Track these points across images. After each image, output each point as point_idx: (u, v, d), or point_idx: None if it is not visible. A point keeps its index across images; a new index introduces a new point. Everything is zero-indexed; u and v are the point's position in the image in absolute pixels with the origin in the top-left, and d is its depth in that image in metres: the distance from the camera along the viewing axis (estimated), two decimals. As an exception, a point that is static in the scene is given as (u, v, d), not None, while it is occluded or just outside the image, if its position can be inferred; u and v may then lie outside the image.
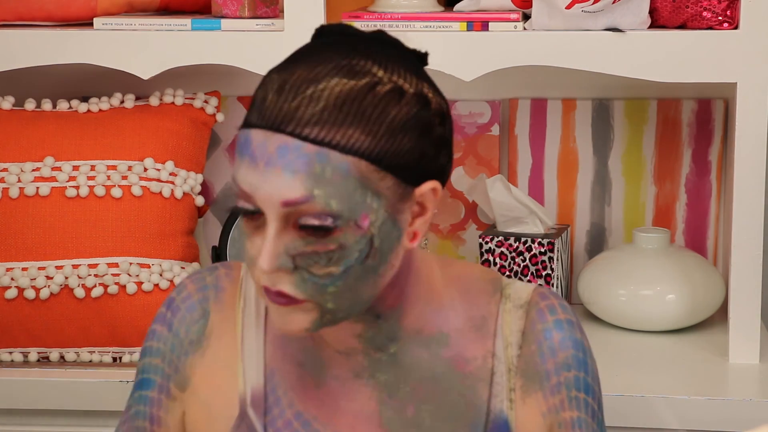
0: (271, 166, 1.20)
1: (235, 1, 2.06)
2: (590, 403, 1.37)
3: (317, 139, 1.20)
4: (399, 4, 2.08)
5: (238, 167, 1.23)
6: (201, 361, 1.41)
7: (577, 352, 1.37)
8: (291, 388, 1.37)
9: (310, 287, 1.23)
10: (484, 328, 1.37)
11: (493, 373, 1.36)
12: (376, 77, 1.22)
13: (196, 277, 1.44)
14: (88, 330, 2.02)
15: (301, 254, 1.22)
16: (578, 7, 1.96)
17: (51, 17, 2.11)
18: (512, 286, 1.40)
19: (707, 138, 2.28)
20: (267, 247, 1.22)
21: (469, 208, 2.34)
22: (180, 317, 1.42)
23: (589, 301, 2.20)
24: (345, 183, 1.20)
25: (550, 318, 1.37)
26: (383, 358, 1.35)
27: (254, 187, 1.21)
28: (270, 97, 1.22)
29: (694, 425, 1.88)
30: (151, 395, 1.42)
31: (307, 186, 1.20)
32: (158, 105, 2.15)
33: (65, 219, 2.03)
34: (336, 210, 1.20)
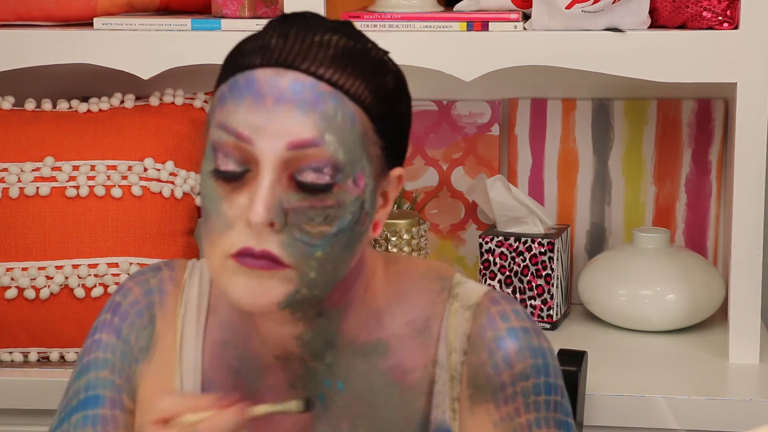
0: (283, 103, 1.14)
1: (235, 1, 2.06)
2: (551, 400, 1.28)
3: (332, 80, 1.15)
4: (399, 4, 2.08)
5: (233, 111, 1.16)
6: (147, 369, 1.34)
7: (535, 360, 1.28)
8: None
9: (299, 249, 1.16)
10: (427, 331, 1.29)
11: (434, 382, 1.29)
12: (369, 44, 1.21)
13: (139, 279, 1.37)
14: (88, 330, 2.02)
15: (295, 209, 1.16)
16: (578, 7, 1.96)
17: (51, 17, 2.12)
18: (463, 285, 1.32)
19: (707, 138, 2.28)
20: (261, 196, 1.14)
21: (469, 208, 2.34)
22: (129, 323, 1.34)
23: (589, 301, 2.20)
24: (351, 133, 1.16)
25: (503, 326, 1.28)
26: (319, 368, 1.29)
27: (256, 128, 1.14)
28: (274, 42, 1.16)
29: (694, 425, 1.88)
30: (103, 413, 1.32)
31: (320, 127, 1.14)
32: (158, 105, 2.15)
33: (65, 219, 2.03)
34: (341, 160, 1.15)
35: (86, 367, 1.34)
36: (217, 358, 1.33)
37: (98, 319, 1.37)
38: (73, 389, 1.35)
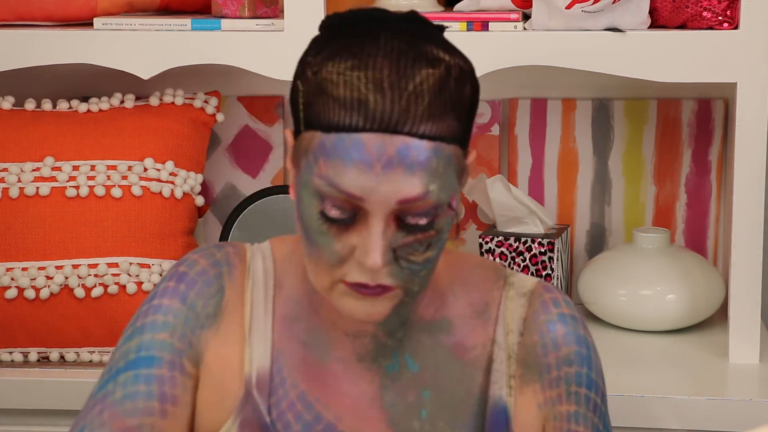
0: (391, 168, 1.21)
1: (235, 1, 2.06)
2: (592, 398, 1.37)
3: (431, 135, 1.22)
4: (399, 4, 2.08)
5: (341, 173, 1.22)
6: (215, 336, 1.37)
7: (580, 348, 1.38)
8: (295, 368, 1.37)
9: (406, 274, 1.26)
10: (486, 314, 1.39)
11: (493, 360, 1.37)
12: (445, 61, 1.25)
13: (205, 252, 1.41)
14: (88, 330, 2.02)
15: (402, 245, 1.25)
16: (578, 7, 1.96)
17: (51, 17, 2.12)
18: (516, 275, 1.42)
19: (707, 138, 2.28)
20: (376, 245, 1.22)
21: (469, 208, 2.34)
22: (197, 290, 1.37)
23: (589, 301, 2.20)
24: (449, 173, 1.24)
25: (554, 311, 1.39)
26: (389, 343, 1.36)
27: (368, 191, 1.21)
28: (372, 99, 1.21)
29: (694, 425, 1.88)
30: (159, 373, 1.33)
31: (424, 183, 1.22)
32: (158, 105, 2.15)
33: (65, 219, 2.03)
34: (443, 201, 1.24)
35: (140, 329, 1.36)
36: (287, 330, 1.38)
37: (155, 289, 1.39)
38: (120, 351, 1.36)
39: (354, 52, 1.23)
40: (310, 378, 1.37)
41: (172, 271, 1.40)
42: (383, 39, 1.24)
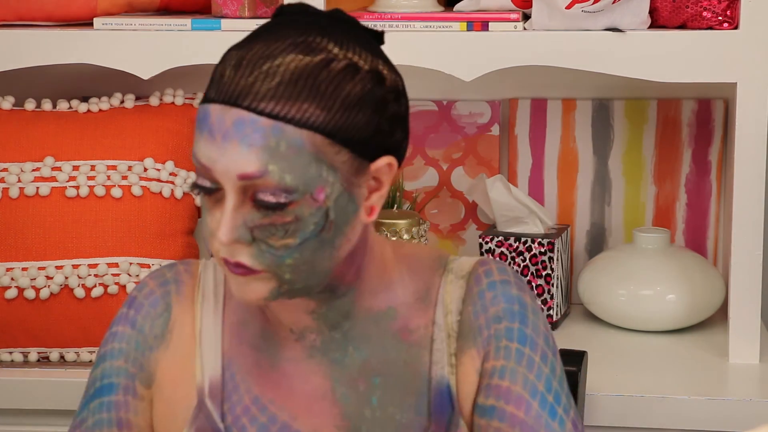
0: (228, 140, 1.23)
1: (235, 1, 2.06)
2: (526, 354, 1.36)
3: (272, 113, 1.23)
4: (399, 4, 2.08)
5: (197, 142, 1.26)
6: (165, 355, 1.42)
7: (510, 305, 1.37)
8: (248, 373, 1.39)
9: (268, 258, 1.26)
10: (427, 299, 1.40)
11: (433, 340, 1.38)
12: (331, 54, 1.25)
13: (155, 274, 1.45)
14: (88, 330, 2.02)
15: (258, 226, 1.25)
16: (578, 7, 1.96)
17: (51, 17, 2.12)
18: (456, 261, 1.43)
19: (707, 138, 2.28)
20: (225, 219, 1.25)
21: (469, 208, 2.34)
22: (144, 313, 1.42)
23: (589, 301, 2.20)
24: (299, 157, 1.23)
25: (485, 281, 1.39)
26: (335, 336, 1.38)
27: (212, 161, 1.24)
28: (228, 73, 1.25)
29: (694, 425, 1.88)
30: (116, 399, 1.41)
31: (262, 160, 1.23)
32: (158, 105, 2.15)
33: (65, 219, 2.03)
34: (290, 185, 1.24)
35: (102, 357, 1.43)
36: (236, 338, 1.41)
37: (117, 315, 1.45)
38: (91, 379, 1.43)
39: (250, 38, 1.28)
40: (264, 381, 1.39)
41: (130, 294, 1.46)
42: (281, 28, 1.27)
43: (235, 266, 1.27)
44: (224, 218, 1.25)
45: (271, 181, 1.23)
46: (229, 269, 1.28)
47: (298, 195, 1.24)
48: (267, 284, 1.29)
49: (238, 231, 1.25)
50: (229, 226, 1.25)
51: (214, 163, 1.24)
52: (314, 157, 1.24)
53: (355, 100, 1.26)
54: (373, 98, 1.27)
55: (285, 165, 1.23)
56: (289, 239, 1.26)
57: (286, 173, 1.23)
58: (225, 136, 1.23)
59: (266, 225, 1.25)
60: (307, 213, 1.25)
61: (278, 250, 1.26)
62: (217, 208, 1.28)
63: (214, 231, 1.28)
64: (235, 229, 1.25)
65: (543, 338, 1.37)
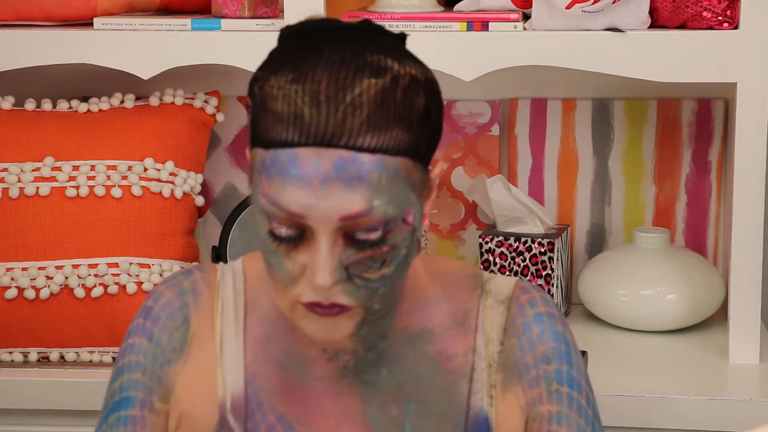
0: (329, 183, 1.18)
1: (235, 1, 2.06)
2: (575, 398, 1.34)
3: (371, 147, 1.18)
4: (399, 4, 2.08)
5: (281, 190, 1.19)
6: (183, 369, 1.37)
7: (558, 345, 1.35)
8: (273, 390, 1.35)
9: (363, 293, 1.23)
10: (466, 323, 1.36)
11: (474, 369, 1.35)
12: (394, 71, 1.21)
13: (171, 283, 1.40)
14: (88, 330, 2.02)
15: (354, 263, 1.21)
16: (578, 7, 1.96)
17: (51, 17, 2.12)
18: (493, 281, 1.39)
19: (707, 138, 2.28)
20: (323, 263, 1.20)
21: (469, 208, 2.34)
22: (161, 325, 1.38)
23: (589, 301, 2.20)
24: (396, 186, 1.20)
25: (530, 312, 1.36)
26: (370, 357, 1.34)
27: (308, 207, 1.18)
28: (307, 113, 1.18)
29: (694, 425, 1.88)
30: (133, 414, 1.36)
31: (367, 198, 1.18)
32: (158, 105, 2.15)
33: (65, 219, 2.03)
34: (392, 215, 1.20)
35: (121, 370, 1.38)
36: (261, 353, 1.36)
37: (132, 324, 1.40)
38: (110, 392, 1.39)
39: (296, 65, 1.20)
40: (290, 400, 1.34)
41: (143, 305, 1.40)
42: (327, 50, 1.21)
43: (331, 307, 1.22)
44: (321, 262, 1.19)
45: (376, 217, 1.19)
46: (319, 312, 1.23)
47: (393, 224, 1.21)
48: (354, 319, 1.25)
49: (336, 272, 1.21)
50: (329, 269, 1.20)
51: (311, 210, 1.18)
52: (405, 181, 1.21)
53: (424, 115, 1.23)
54: (433, 107, 1.25)
55: (387, 197, 1.19)
56: (386, 269, 1.22)
57: (389, 206, 1.20)
58: (324, 180, 1.17)
59: (362, 259, 1.21)
60: (401, 239, 1.23)
61: (375, 282, 1.22)
62: (297, 252, 1.22)
63: (297, 277, 1.22)
64: (335, 271, 1.20)
65: (585, 379, 1.36)
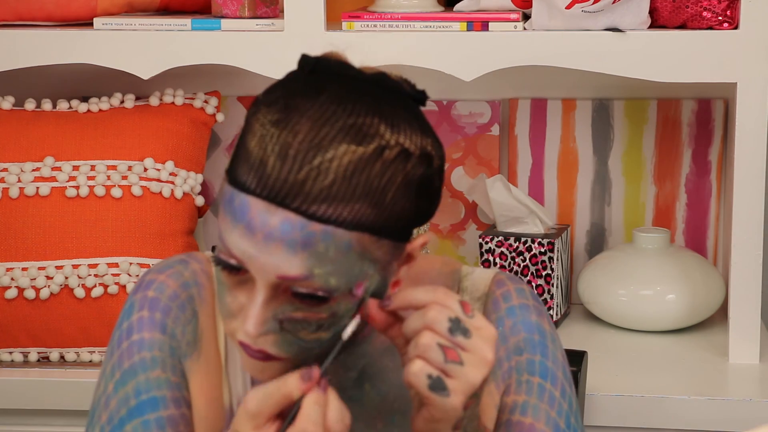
0: (272, 240, 1.12)
1: (235, 1, 2.06)
2: (547, 389, 1.29)
3: (324, 217, 1.12)
4: (399, 4, 2.08)
5: (229, 230, 1.15)
6: (197, 365, 1.30)
7: (530, 335, 1.30)
8: None
9: (295, 348, 1.18)
10: None
11: None
12: (383, 140, 1.14)
13: (171, 272, 1.32)
14: (88, 330, 2.02)
15: (289, 319, 1.16)
16: (578, 7, 1.96)
17: (51, 17, 2.12)
18: (470, 277, 1.35)
19: (707, 138, 2.28)
20: (254, 313, 1.15)
21: (469, 208, 2.34)
22: (173, 317, 1.30)
23: (589, 301, 2.20)
24: (346, 259, 1.14)
25: (504, 306, 1.32)
26: (351, 375, 1.30)
27: (248, 256, 1.14)
28: (271, 163, 1.12)
29: (694, 425, 1.88)
30: (168, 414, 1.26)
31: (307, 265, 1.13)
32: (158, 105, 2.15)
33: (65, 219, 2.03)
34: (334, 286, 1.14)
35: (131, 371, 1.28)
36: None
37: (128, 320, 1.31)
38: (117, 399, 1.28)
39: (286, 104, 1.15)
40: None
41: (140, 296, 1.31)
42: (323, 97, 1.14)
43: (257, 352, 1.17)
44: (253, 311, 1.15)
45: (315, 284, 1.14)
46: (248, 353, 1.18)
47: (338, 293, 1.15)
48: (286, 367, 1.19)
49: (267, 324, 1.15)
50: (258, 319, 1.15)
51: (251, 260, 1.13)
52: (359, 255, 1.14)
53: (403, 190, 1.16)
54: (421, 183, 1.18)
55: (331, 268, 1.13)
56: (322, 333, 1.17)
57: (330, 276, 1.14)
58: (268, 237, 1.12)
59: (298, 319, 1.16)
60: (344, 309, 1.16)
61: (308, 343, 1.17)
62: (240, 290, 1.17)
63: (235, 314, 1.18)
64: (265, 322, 1.15)
65: (562, 370, 1.31)
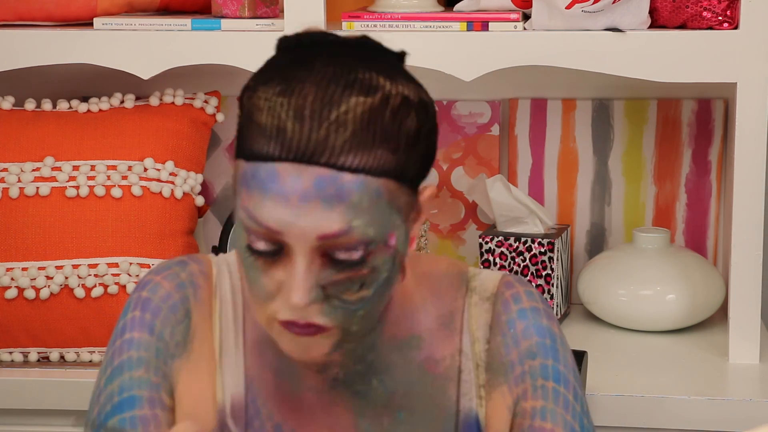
0: (308, 201, 1.14)
1: (235, 1, 2.06)
2: (562, 393, 1.31)
3: (353, 167, 1.15)
4: (399, 4, 2.08)
5: (260, 204, 1.16)
6: (186, 365, 1.31)
7: (542, 339, 1.32)
8: (269, 397, 1.31)
9: (340, 314, 1.19)
10: (452, 325, 1.33)
11: (461, 371, 1.33)
12: (386, 90, 1.17)
13: (167, 273, 1.33)
14: (88, 330, 2.02)
15: (332, 283, 1.18)
16: (578, 7, 1.96)
17: (51, 17, 2.12)
18: (478, 277, 1.36)
19: (707, 138, 2.28)
20: (299, 282, 1.16)
21: (469, 208, 2.34)
22: (163, 318, 1.31)
23: (589, 301, 2.20)
24: (378, 207, 1.17)
25: (514, 308, 1.33)
26: (359, 368, 1.30)
27: (285, 224, 1.15)
28: (290, 127, 1.15)
29: (694, 425, 1.88)
30: (141, 414, 1.28)
31: (346, 218, 1.15)
32: (158, 105, 2.15)
33: (65, 219, 2.03)
34: (372, 237, 1.17)
35: (119, 369, 1.31)
36: (258, 358, 1.32)
37: (123, 318, 1.32)
38: (105, 395, 1.31)
39: (285, 77, 1.17)
40: (285, 408, 1.31)
41: (134, 297, 1.32)
42: (318, 63, 1.17)
43: (306, 326, 1.19)
44: (298, 280, 1.16)
45: (355, 237, 1.16)
46: (295, 332, 1.19)
47: (374, 245, 1.17)
48: (331, 339, 1.21)
49: (312, 291, 1.17)
50: (305, 288, 1.16)
51: (288, 227, 1.15)
52: (389, 204, 1.17)
53: (414, 136, 1.19)
54: (425, 129, 1.21)
55: (368, 219, 1.16)
56: (364, 291, 1.18)
57: (369, 227, 1.16)
58: (303, 197, 1.14)
59: (341, 280, 1.17)
60: (381, 261, 1.18)
61: (353, 304, 1.19)
62: (276, 268, 1.19)
63: (274, 294, 1.19)
64: (312, 289, 1.17)
65: (572, 373, 1.33)
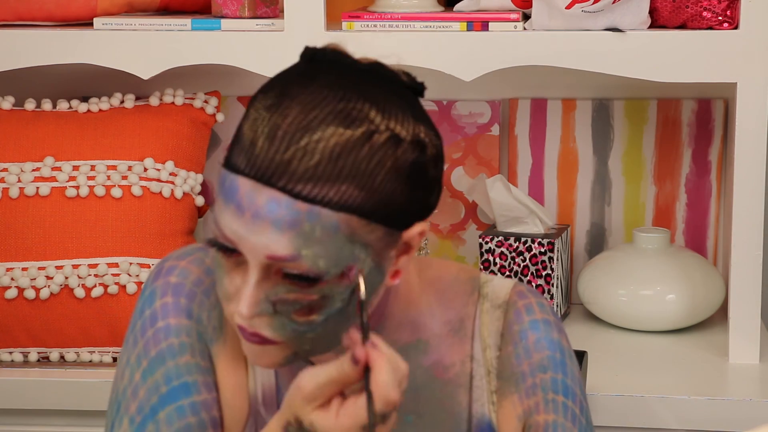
0: (259, 219, 1.15)
1: (235, 1, 2.06)
2: (570, 407, 1.33)
3: (309, 197, 1.14)
4: (399, 4, 2.08)
5: (222, 211, 1.18)
6: (223, 350, 1.31)
7: (553, 353, 1.34)
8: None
9: (288, 331, 1.19)
10: (462, 330, 1.34)
11: (473, 377, 1.34)
12: (372, 125, 1.16)
13: (192, 258, 1.33)
14: (88, 330, 2.02)
15: (281, 300, 1.18)
16: (578, 7, 1.96)
17: (51, 17, 2.12)
18: (490, 284, 1.37)
19: (707, 138, 2.28)
20: (247, 293, 1.17)
21: (469, 208, 2.34)
22: (198, 302, 1.31)
23: (589, 301, 2.20)
24: (334, 241, 1.15)
25: (527, 318, 1.34)
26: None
27: (239, 236, 1.16)
28: (260, 144, 1.15)
29: (694, 425, 1.88)
30: (201, 399, 1.28)
31: (295, 245, 1.15)
32: (158, 105, 2.15)
33: (65, 219, 2.03)
34: (323, 268, 1.16)
35: (159, 358, 1.29)
36: None
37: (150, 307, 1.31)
38: (146, 388, 1.29)
39: (282, 91, 1.17)
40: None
41: (161, 282, 1.32)
42: (316, 84, 1.17)
43: (252, 335, 1.20)
44: (246, 292, 1.17)
45: (303, 266, 1.15)
46: (245, 337, 1.20)
47: (328, 276, 1.16)
48: (283, 352, 1.21)
49: (260, 305, 1.18)
50: (251, 300, 1.17)
51: (241, 240, 1.16)
52: (348, 238, 1.16)
53: (394, 175, 1.17)
54: (413, 170, 1.18)
55: (318, 250, 1.15)
56: (314, 315, 1.18)
57: (319, 258, 1.15)
58: (256, 215, 1.15)
59: (290, 300, 1.18)
60: (335, 291, 1.18)
61: (301, 325, 1.18)
62: (237, 272, 1.20)
63: (232, 297, 1.20)
64: (258, 303, 1.18)
65: (579, 387, 1.35)
